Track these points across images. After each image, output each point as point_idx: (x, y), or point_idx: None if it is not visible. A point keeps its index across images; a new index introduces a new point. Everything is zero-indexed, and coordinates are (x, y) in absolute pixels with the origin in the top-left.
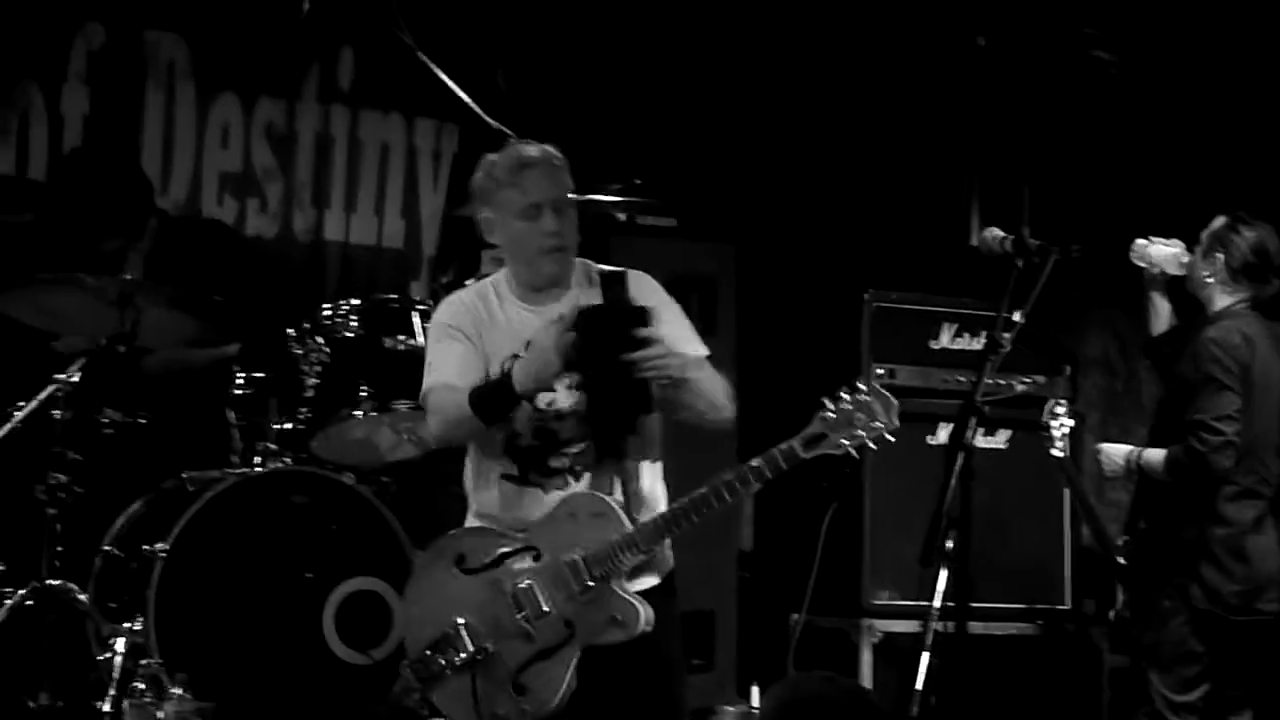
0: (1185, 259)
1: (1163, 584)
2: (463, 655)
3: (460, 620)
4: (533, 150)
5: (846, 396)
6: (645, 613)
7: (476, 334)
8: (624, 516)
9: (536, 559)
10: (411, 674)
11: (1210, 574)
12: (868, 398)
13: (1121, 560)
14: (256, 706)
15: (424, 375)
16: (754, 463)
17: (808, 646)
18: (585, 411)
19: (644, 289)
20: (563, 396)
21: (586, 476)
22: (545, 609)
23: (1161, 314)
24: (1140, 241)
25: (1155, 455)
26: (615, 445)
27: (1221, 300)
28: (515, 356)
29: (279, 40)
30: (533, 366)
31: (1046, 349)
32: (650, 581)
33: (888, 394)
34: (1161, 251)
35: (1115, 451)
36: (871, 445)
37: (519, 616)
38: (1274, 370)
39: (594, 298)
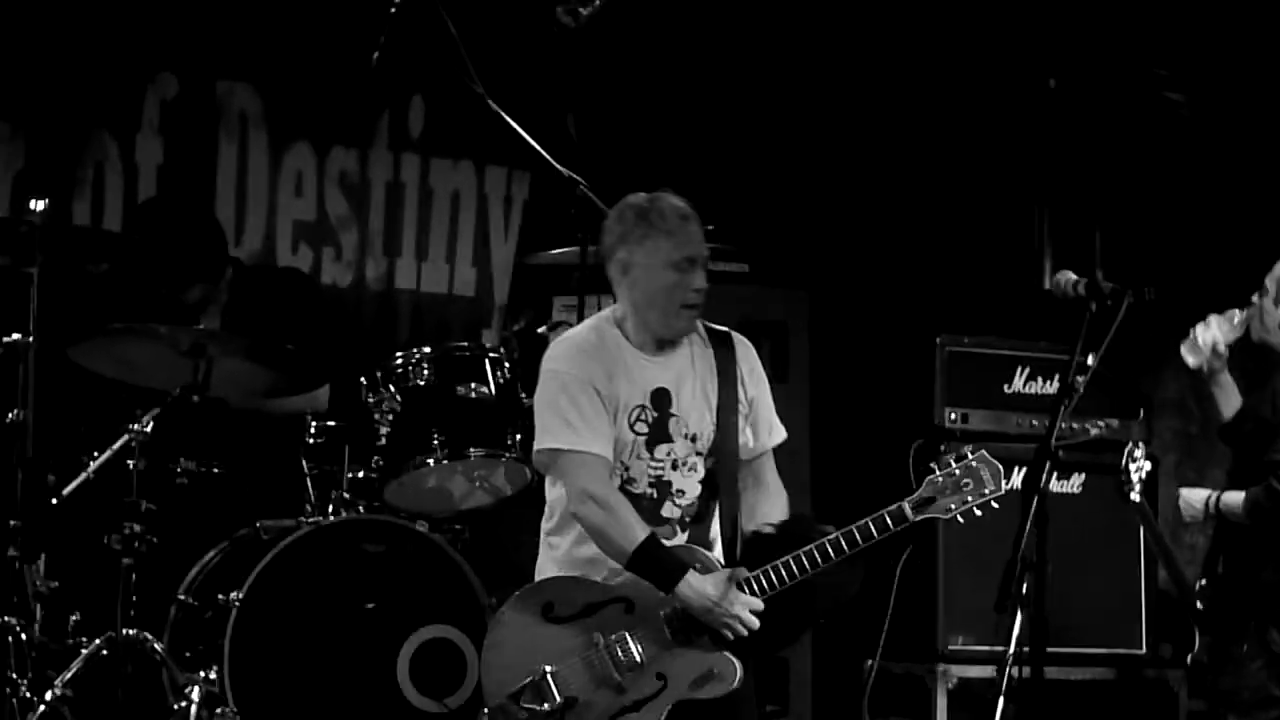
0: (1238, 318)
1: (1241, 628)
2: (548, 705)
3: (548, 669)
4: (685, 203)
5: (954, 462)
6: (740, 667)
7: (607, 383)
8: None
9: (629, 610)
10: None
11: None
12: (975, 464)
13: (1199, 604)
14: None
15: (551, 425)
16: (862, 523)
17: (882, 692)
18: (700, 463)
19: (748, 357)
20: (680, 446)
21: (691, 527)
22: (638, 660)
23: (1230, 392)
24: (1183, 346)
25: (1234, 498)
26: (724, 496)
27: None
28: (643, 409)
29: (350, 89)
30: (698, 604)
31: (1121, 393)
32: None
33: (995, 461)
34: (1210, 332)
35: (1194, 496)
36: (978, 512)
37: (611, 667)
38: None
39: (706, 356)
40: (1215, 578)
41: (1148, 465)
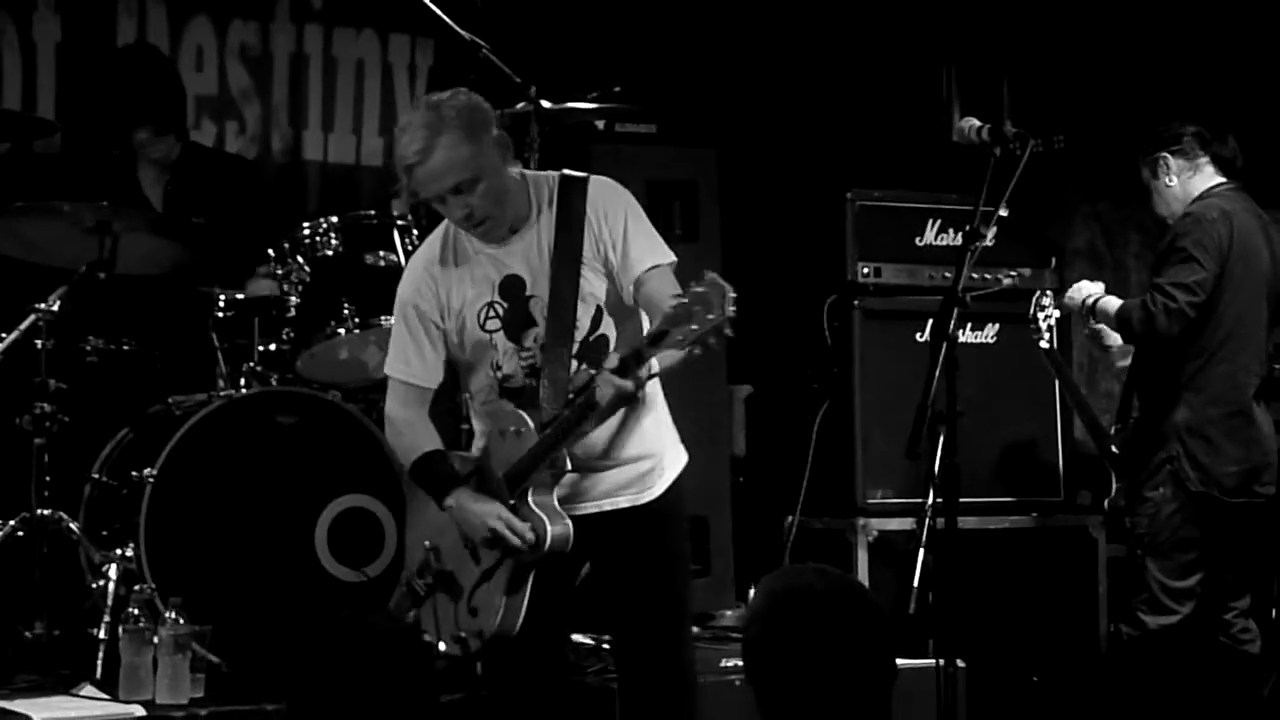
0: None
1: (1156, 470)
2: (429, 579)
3: (429, 544)
4: (417, 144)
5: (692, 287)
6: (554, 530)
7: (435, 298)
8: (535, 432)
9: (481, 484)
10: (402, 598)
11: (1204, 457)
12: (703, 289)
13: (1114, 449)
14: (252, 627)
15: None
16: (610, 364)
17: (803, 548)
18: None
19: (602, 196)
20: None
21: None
22: None
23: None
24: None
25: (1110, 304)
26: (553, 359)
27: (1201, 184)
28: (492, 305)
29: None
30: (465, 522)
31: (1032, 241)
32: (623, 503)
33: (723, 283)
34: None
35: (1081, 290)
36: (712, 342)
37: (463, 539)
38: (1257, 248)
39: (552, 217)
40: (1130, 422)
41: (1056, 313)
